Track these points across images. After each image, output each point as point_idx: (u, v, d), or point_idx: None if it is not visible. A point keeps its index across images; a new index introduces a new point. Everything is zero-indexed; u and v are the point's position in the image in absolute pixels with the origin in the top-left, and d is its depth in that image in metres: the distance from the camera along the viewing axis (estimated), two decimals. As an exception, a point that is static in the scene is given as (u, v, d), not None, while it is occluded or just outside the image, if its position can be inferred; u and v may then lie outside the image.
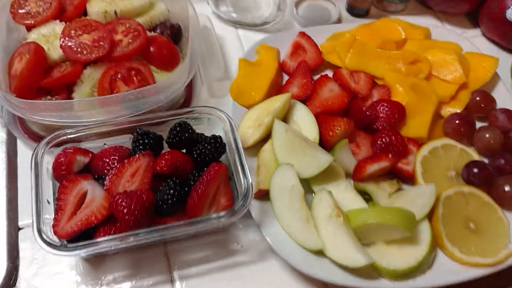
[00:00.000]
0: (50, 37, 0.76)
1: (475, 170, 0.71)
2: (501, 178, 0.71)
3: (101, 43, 0.74)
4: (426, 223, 0.67)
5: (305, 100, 0.79)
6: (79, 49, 0.73)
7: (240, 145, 0.66)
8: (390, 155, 0.70)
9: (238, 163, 0.65)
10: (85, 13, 0.81)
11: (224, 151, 0.68)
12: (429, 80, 0.81)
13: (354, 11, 0.95)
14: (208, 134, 0.71)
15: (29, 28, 0.79)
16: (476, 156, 0.75)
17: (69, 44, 0.73)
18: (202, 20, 0.87)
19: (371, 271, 0.64)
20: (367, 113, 0.75)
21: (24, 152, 0.76)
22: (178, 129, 0.67)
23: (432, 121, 0.77)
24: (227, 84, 0.83)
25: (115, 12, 0.79)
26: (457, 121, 0.76)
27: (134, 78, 0.74)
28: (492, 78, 0.81)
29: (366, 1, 0.92)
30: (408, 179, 0.73)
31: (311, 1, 0.96)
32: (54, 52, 0.74)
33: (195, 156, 0.67)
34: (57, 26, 0.77)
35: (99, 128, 0.67)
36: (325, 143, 0.74)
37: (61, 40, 0.73)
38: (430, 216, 0.67)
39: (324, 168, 0.68)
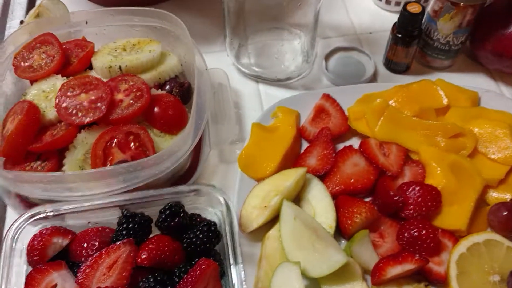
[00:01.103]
0: (50, 93, 0.71)
1: (524, 280, 0.58)
2: (558, 293, 0.57)
3: (98, 104, 0.67)
4: None
5: (324, 175, 0.68)
6: (74, 111, 0.67)
7: (236, 237, 0.57)
8: (417, 257, 0.58)
9: (231, 257, 0.56)
10: (91, 67, 0.75)
11: (218, 241, 0.59)
12: (474, 158, 0.69)
13: (392, 66, 0.84)
14: (206, 214, 0.63)
15: (32, 82, 0.74)
16: (528, 258, 0.62)
17: (64, 104, 0.67)
18: (217, 75, 0.79)
19: None
20: (395, 198, 0.63)
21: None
22: (167, 212, 0.59)
23: (474, 209, 0.65)
24: (240, 147, 0.74)
25: (120, 68, 0.72)
26: (505, 213, 0.63)
27: (132, 144, 0.67)
28: (552, 159, 0.68)
29: (406, 55, 0.81)
30: (439, 282, 0.61)
31: (343, 53, 0.86)
32: (50, 111, 0.69)
33: (185, 245, 0.58)
34: (58, 82, 0.72)
35: (81, 204, 0.61)
36: (343, 231, 0.64)
37: (57, 99, 0.68)
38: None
39: (336, 269, 0.57)
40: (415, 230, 0.61)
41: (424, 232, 0.61)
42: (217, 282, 0.56)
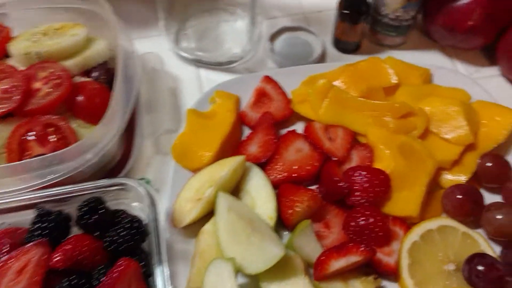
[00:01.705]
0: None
1: (480, 268, 0.53)
2: (515, 280, 0.53)
3: (12, 94, 0.61)
4: None
5: (266, 163, 0.63)
6: (-16, 103, 0.60)
7: (161, 233, 0.51)
8: (363, 247, 0.53)
9: (155, 256, 0.50)
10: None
11: (143, 239, 0.53)
12: (425, 139, 0.64)
13: (341, 45, 0.78)
14: (134, 210, 0.57)
15: None
16: (483, 243, 0.57)
17: (-28, 95, 0.60)
18: (151, 59, 0.72)
19: None
20: (340, 184, 0.58)
21: None
22: (85, 208, 0.53)
23: (427, 194, 0.60)
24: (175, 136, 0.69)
25: (38, 54, 0.65)
26: (459, 196, 0.58)
27: (52, 136, 0.60)
28: (508, 137, 0.63)
29: (355, 33, 0.75)
30: (389, 274, 0.56)
31: (290, 33, 0.80)
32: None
33: (106, 244, 0.52)
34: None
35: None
36: (285, 222, 0.58)
37: (-36, 90, 0.61)
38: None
39: (273, 264, 0.51)
40: (362, 218, 0.56)
41: (372, 220, 0.56)
42: (141, 283, 0.50)
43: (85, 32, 0.69)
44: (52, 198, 0.55)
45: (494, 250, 0.57)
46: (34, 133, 0.60)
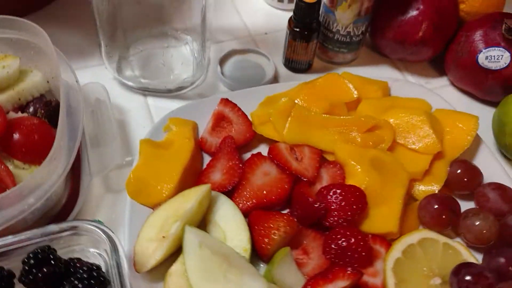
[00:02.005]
0: None
1: (469, 278, 0.51)
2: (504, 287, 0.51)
3: None
4: None
5: (232, 190, 0.58)
6: None
7: (125, 281, 0.44)
8: (349, 270, 0.49)
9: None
10: None
11: (104, 288, 0.46)
12: (393, 151, 0.62)
13: (293, 65, 0.76)
14: (89, 257, 0.50)
15: None
16: (464, 252, 0.55)
17: None
18: (94, 90, 0.66)
19: None
20: (316, 205, 0.54)
21: None
22: (32, 261, 0.45)
23: (403, 207, 0.57)
24: (129, 172, 0.62)
25: (-36, 90, 0.57)
26: (435, 206, 0.57)
27: (-18, 180, 0.52)
28: (472, 143, 0.63)
29: (306, 52, 0.74)
30: (377, 297, 0.52)
31: (239, 56, 0.77)
32: None
33: (61, 301, 0.44)
34: None
35: None
36: (261, 253, 0.53)
37: None
38: None
39: (256, 302, 0.46)
40: (343, 239, 0.53)
41: (353, 240, 0.52)
42: None
43: (17, 63, 0.62)
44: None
45: (476, 258, 0.55)
46: (-38, 179, 0.52)
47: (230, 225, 0.54)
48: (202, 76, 0.74)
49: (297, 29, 0.71)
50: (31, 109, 0.61)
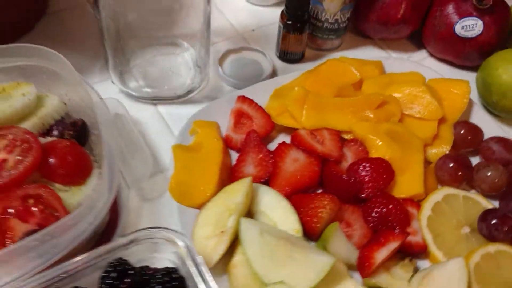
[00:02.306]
0: None
1: (495, 221, 0.57)
2: (525, 224, 0.58)
3: (-24, 171, 0.52)
4: (467, 310, 0.51)
5: (266, 181, 0.62)
6: None
7: (206, 276, 0.47)
8: (397, 232, 0.54)
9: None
10: None
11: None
12: (403, 122, 0.68)
13: (288, 56, 0.80)
14: (151, 263, 0.52)
15: None
16: (483, 201, 0.62)
17: None
18: (111, 105, 0.67)
19: None
20: (351, 181, 0.59)
21: None
22: (112, 274, 0.46)
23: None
24: (160, 179, 0.65)
25: (-11, 123, 0.57)
26: (451, 165, 0.63)
27: (34, 209, 0.53)
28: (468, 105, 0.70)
29: (300, 43, 0.78)
30: (421, 252, 0.58)
31: (235, 54, 0.80)
32: None
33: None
34: None
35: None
36: (310, 232, 0.57)
37: None
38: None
39: (325, 274, 0.50)
40: (381, 206, 0.58)
41: (391, 206, 0.58)
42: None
43: (34, 90, 0.62)
44: (61, 278, 0.48)
45: (493, 204, 0.62)
46: (13, 210, 0.52)
47: (277, 211, 0.58)
48: (206, 78, 0.76)
49: (290, 22, 0.75)
50: (55, 132, 0.62)
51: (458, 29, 0.76)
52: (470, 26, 0.76)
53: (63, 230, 0.49)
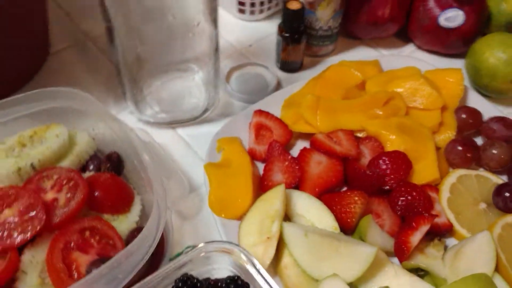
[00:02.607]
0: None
1: (508, 194, 0.63)
2: (534, 192, 0.64)
3: (32, 213, 0.55)
4: (499, 278, 0.57)
5: (296, 186, 0.66)
6: (4, 233, 0.53)
7: (269, 278, 0.51)
8: (426, 216, 0.60)
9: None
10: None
11: (251, 294, 0.52)
12: (409, 114, 0.73)
13: (289, 66, 0.85)
14: (211, 275, 0.56)
15: None
16: (493, 177, 0.68)
17: (-10, 232, 0.53)
18: (139, 135, 0.70)
19: None
20: (375, 174, 0.64)
21: None
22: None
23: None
24: (195, 197, 0.69)
25: (32, 165, 0.60)
26: (460, 148, 0.69)
27: (92, 240, 0.56)
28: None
29: (298, 52, 0.83)
30: (448, 231, 0.63)
31: (239, 70, 0.85)
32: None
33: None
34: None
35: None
36: (345, 227, 0.62)
37: (-24, 230, 0.53)
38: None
39: (370, 264, 0.55)
40: (406, 194, 0.63)
41: (414, 193, 0.63)
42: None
43: (66, 129, 0.65)
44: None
45: (502, 179, 0.68)
46: (73, 244, 0.55)
47: (313, 212, 0.62)
48: (217, 96, 0.80)
49: (288, 34, 0.80)
50: (91, 167, 0.65)
51: (442, 21, 0.83)
52: (452, 17, 0.82)
53: (128, 256, 0.52)
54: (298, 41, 0.81)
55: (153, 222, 0.55)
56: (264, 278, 0.51)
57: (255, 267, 0.52)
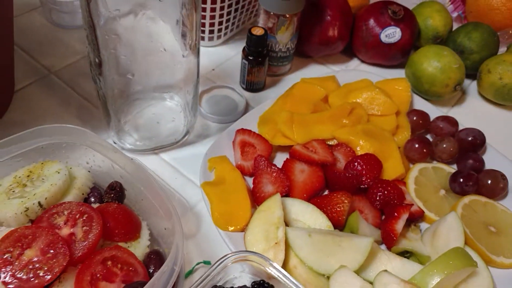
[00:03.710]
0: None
1: (463, 179, 0.75)
2: (482, 176, 0.76)
3: (56, 249, 0.57)
4: (469, 249, 0.68)
5: (286, 195, 0.73)
6: (31, 274, 0.55)
7: (290, 277, 0.57)
8: (404, 205, 0.69)
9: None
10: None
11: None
12: (370, 121, 0.83)
13: (254, 86, 0.92)
14: (233, 285, 0.61)
15: None
16: (445, 167, 0.80)
17: (17, 275, 0.54)
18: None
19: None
20: (352, 175, 0.73)
21: None
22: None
23: (399, 155, 0.79)
24: (192, 216, 0.73)
25: (40, 204, 0.61)
26: (416, 145, 0.80)
27: (115, 269, 0.59)
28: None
29: (262, 73, 0.90)
30: (420, 217, 0.73)
31: (208, 93, 0.90)
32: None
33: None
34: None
35: None
36: (336, 225, 0.70)
37: (1, 275, 0.54)
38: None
39: (368, 252, 0.63)
40: (383, 190, 0.72)
41: (389, 188, 0.72)
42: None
43: (63, 165, 0.66)
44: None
45: (452, 167, 0.80)
46: (98, 275, 0.57)
47: (307, 216, 0.69)
48: (193, 120, 0.85)
49: (252, 58, 0.87)
50: (92, 199, 0.67)
51: (383, 37, 0.95)
52: (392, 34, 0.95)
53: (162, 276, 0.55)
54: (262, 63, 0.88)
55: (178, 243, 0.59)
56: (286, 277, 0.57)
57: (276, 269, 0.58)
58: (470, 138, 0.81)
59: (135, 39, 0.67)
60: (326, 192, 0.75)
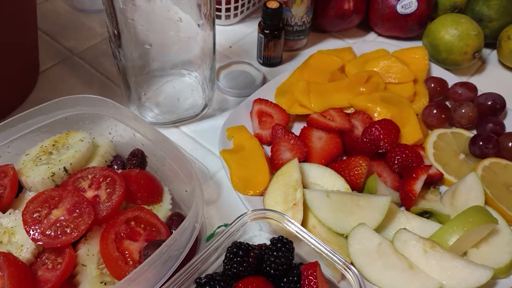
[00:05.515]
0: (2, 236, 0.58)
1: (482, 142, 0.74)
2: (502, 138, 0.76)
3: (81, 209, 0.59)
4: (490, 209, 0.67)
5: (303, 161, 0.74)
6: (59, 231, 0.57)
7: (309, 233, 0.58)
8: (423, 166, 0.69)
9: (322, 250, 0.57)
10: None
11: (293, 254, 0.58)
12: (387, 89, 0.83)
13: (270, 61, 0.93)
14: (252, 242, 0.62)
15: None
16: (465, 132, 0.79)
17: (45, 231, 0.56)
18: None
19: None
20: (371, 139, 0.73)
21: None
22: (240, 252, 0.56)
23: (417, 120, 0.79)
24: (213, 183, 0.74)
25: (65, 169, 0.64)
26: (435, 111, 0.79)
27: (138, 228, 0.60)
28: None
29: (279, 47, 0.91)
30: (439, 179, 0.73)
31: (226, 69, 0.92)
32: (22, 251, 0.57)
33: (271, 272, 0.57)
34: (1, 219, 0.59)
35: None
36: (355, 188, 0.70)
37: (31, 232, 0.56)
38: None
39: (387, 210, 0.64)
40: (401, 153, 0.72)
41: (407, 151, 0.72)
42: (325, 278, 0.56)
43: (87, 134, 0.69)
44: (198, 267, 0.56)
45: (471, 132, 0.80)
46: (123, 233, 0.59)
47: (325, 179, 0.70)
48: (211, 93, 0.86)
49: (268, 31, 0.88)
50: (115, 166, 0.69)
51: (399, 8, 0.94)
52: (408, 4, 0.94)
53: (182, 233, 0.57)
54: (278, 36, 0.89)
55: (198, 201, 0.60)
56: (305, 232, 0.58)
57: (294, 224, 0.59)
58: (489, 102, 0.80)
59: (151, 9, 0.69)
60: (344, 158, 0.76)
